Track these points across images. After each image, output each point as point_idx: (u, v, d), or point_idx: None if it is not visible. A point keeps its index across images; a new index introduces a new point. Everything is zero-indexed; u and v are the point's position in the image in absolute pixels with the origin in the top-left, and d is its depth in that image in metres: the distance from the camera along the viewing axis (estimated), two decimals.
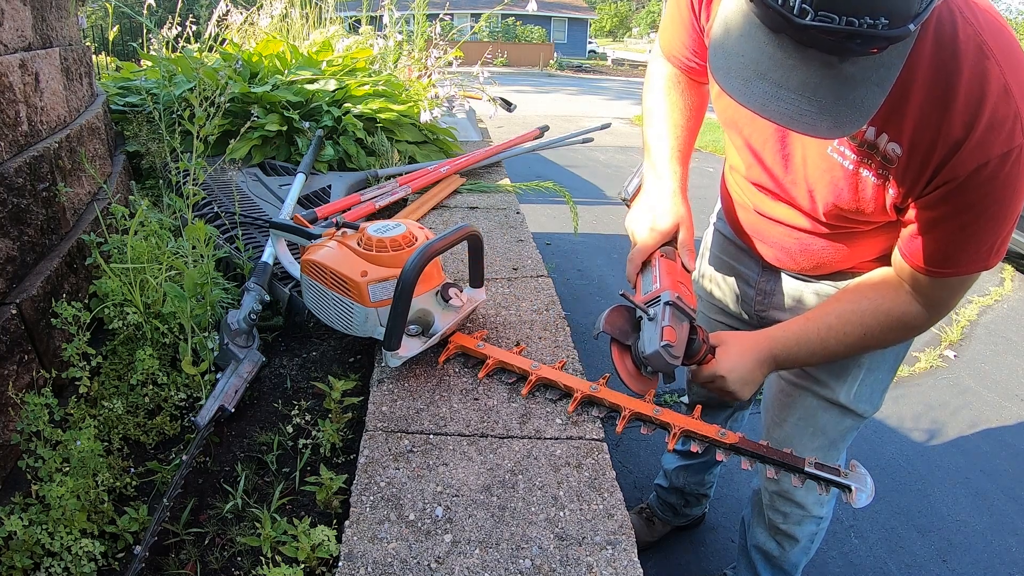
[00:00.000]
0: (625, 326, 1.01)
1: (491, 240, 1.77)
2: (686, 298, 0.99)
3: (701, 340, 0.99)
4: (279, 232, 1.45)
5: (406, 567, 0.79)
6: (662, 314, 0.95)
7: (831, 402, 1.18)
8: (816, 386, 1.18)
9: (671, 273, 1.02)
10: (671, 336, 0.92)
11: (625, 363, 1.01)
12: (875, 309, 0.95)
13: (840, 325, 0.98)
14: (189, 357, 1.21)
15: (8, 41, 1.25)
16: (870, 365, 1.15)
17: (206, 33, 2.98)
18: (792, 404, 1.22)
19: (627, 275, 1.09)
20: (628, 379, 1.00)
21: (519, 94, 12.84)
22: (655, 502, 1.91)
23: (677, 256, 1.06)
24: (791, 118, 0.69)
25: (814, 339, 1.00)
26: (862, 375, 1.15)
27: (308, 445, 1.09)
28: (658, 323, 0.94)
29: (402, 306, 1.05)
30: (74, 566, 0.85)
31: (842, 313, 0.98)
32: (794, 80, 0.68)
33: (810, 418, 1.21)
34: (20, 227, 1.16)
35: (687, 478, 1.79)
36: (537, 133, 2.63)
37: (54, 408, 1.00)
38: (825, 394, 1.18)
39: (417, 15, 3.14)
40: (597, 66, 30.81)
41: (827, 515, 1.35)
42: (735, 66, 0.71)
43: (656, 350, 0.92)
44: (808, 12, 0.61)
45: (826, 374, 1.17)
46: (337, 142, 2.29)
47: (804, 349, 1.01)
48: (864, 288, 0.99)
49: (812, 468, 0.94)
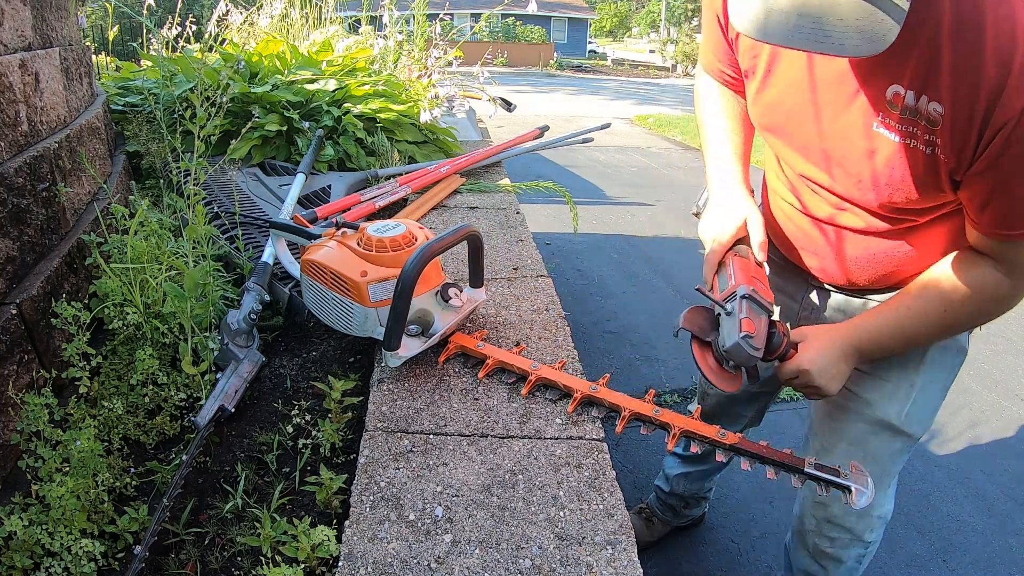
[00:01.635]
0: (704, 324, 1.01)
1: (491, 240, 1.77)
2: (762, 292, 0.98)
3: (782, 334, 0.99)
4: (279, 232, 1.45)
5: (406, 567, 0.79)
6: (739, 307, 0.95)
7: (881, 423, 1.13)
8: (866, 408, 1.14)
9: (745, 270, 1.02)
10: (750, 327, 0.92)
11: (707, 360, 1.00)
12: (954, 284, 0.92)
13: (920, 305, 0.95)
14: (189, 357, 1.21)
15: (8, 41, 1.25)
16: (922, 384, 1.11)
17: (206, 33, 2.98)
18: (842, 430, 1.18)
19: (703, 277, 1.08)
20: (711, 375, 0.98)
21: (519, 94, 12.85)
22: (655, 502, 1.91)
23: (750, 253, 1.06)
24: (816, 41, 0.69)
25: (894, 323, 0.97)
26: (914, 395, 1.11)
27: (308, 445, 1.09)
28: (736, 316, 0.94)
29: (402, 306, 1.05)
30: (74, 566, 0.85)
31: (920, 293, 0.95)
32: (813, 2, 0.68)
33: (861, 443, 1.16)
34: (20, 227, 1.16)
35: (687, 486, 1.77)
36: (537, 133, 2.63)
37: (54, 408, 1.00)
38: (875, 415, 1.13)
39: (417, 15, 3.14)
40: (597, 66, 30.82)
41: (875, 540, 1.29)
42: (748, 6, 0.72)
43: (736, 342, 0.91)
44: None
45: (876, 394, 1.13)
46: (337, 142, 2.29)
47: (886, 334, 0.98)
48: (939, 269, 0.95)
49: (811, 469, 0.94)
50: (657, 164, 7.66)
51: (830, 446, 1.20)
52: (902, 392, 1.11)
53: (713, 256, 1.07)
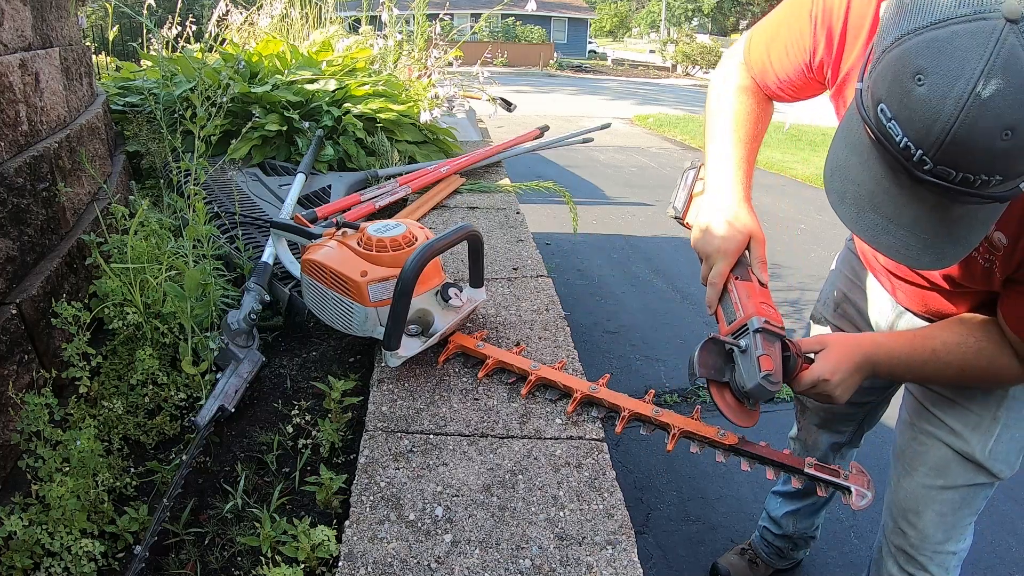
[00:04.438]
0: (718, 362, 0.97)
1: (491, 240, 1.77)
2: (772, 318, 0.94)
3: (795, 355, 0.95)
4: (280, 232, 1.45)
5: (406, 567, 0.79)
6: (754, 343, 0.91)
7: (965, 456, 1.11)
8: (951, 436, 1.12)
9: (752, 295, 0.97)
10: (769, 365, 0.89)
11: (725, 398, 0.96)
12: (978, 351, 0.95)
13: (944, 354, 0.97)
14: (189, 357, 1.21)
15: (8, 41, 1.25)
16: (1007, 421, 1.08)
17: (206, 33, 2.98)
18: (925, 453, 1.16)
19: (707, 301, 1.04)
20: (731, 414, 0.95)
21: (519, 94, 12.84)
22: (760, 544, 1.84)
23: (750, 272, 1.01)
24: (897, 251, 0.73)
25: (916, 360, 0.98)
26: (998, 430, 1.08)
27: (308, 445, 1.09)
28: (752, 354, 0.91)
29: (401, 306, 1.05)
30: (74, 566, 0.85)
31: (947, 342, 0.97)
32: (906, 217, 0.70)
33: (942, 470, 1.14)
34: (20, 227, 1.16)
35: (797, 523, 1.72)
36: (537, 133, 2.63)
37: (54, 408, 1.00)
38: (959, 446, 1.12)
39: (417, 15, 3.14)
40: (597, 66, 30.82)
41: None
42: (851, 193, 0.74)
43: (757, 383, 0.89)
44: (927, 164, 0.63)
45: (961, 424, 1.10)
46: (337, 142, 2.29)
47: (904, 364, 0.99)
48: (972, 326, 0.98)
49: (811, 469, 0.95)
50: (657, 164, 7.66)
51: (911, 469, 1.18)
52: (985, 424, 1.09)
53: (719, 279, 1.01)
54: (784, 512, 1.71)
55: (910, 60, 0.61)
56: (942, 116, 0.60)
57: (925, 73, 0.60)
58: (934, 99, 0.60)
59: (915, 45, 0.61)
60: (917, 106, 0.61)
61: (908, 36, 0.62)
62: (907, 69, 0.61)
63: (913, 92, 0.61)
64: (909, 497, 1.18)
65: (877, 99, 0.66)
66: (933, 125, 0.60)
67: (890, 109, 0.64)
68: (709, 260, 1.03)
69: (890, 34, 0.64)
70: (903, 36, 0.62)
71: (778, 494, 1.73)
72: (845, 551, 1.97)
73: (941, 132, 0.60)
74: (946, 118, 0.59)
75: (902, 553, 1.23)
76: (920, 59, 0.60)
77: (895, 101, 0.63)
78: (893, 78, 0.63)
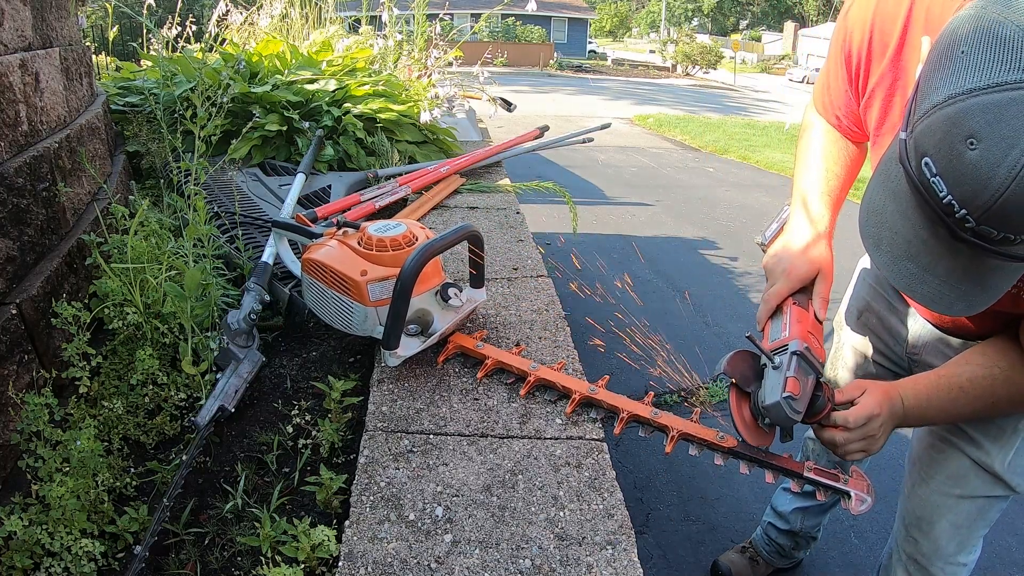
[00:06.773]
0: (748, 372, 0.94)
1: (491, 240, 1.77)
2: (815, 350, 0.92)
3: (826, 398, 0.92)
4: (281, 231, 1.45)
5: (406, 567, 0.79)
6: (787, 364, 0.89)
7: (983, 467, 1.11)
8: (970, 446, 1.12)
9: (802, 322, 0.95)
10: (794, 388, 0.86)
11: (742, 411, 0.94)
12: (1006, 379, 0.94)
13: (971, 388, 0.96)
14: (189, 357, 1.21)
15: (8, 41, 1.25)
16: None
17: (206, 33, 2.98)
18: (942, 461, 1.15)
19: (757, 317, 1.03)
20: (743, 429, 0.93)
21: (519, 94, 12.84)
22: (761, 542, 1.82)
23: (810, 305, 0.99)
24: (932, 300, 0.73)
25: (945, 398, 0.97)
26: (1018, 443, 1.08)
27: (308, 445, 1.09)
28: (782, 372, 0.88)
29: (401, 305, 1.05)
30: (74, 566, 0.85)
31: (973, 377, 0.96)
32: (941, 268, 0.70)
33: (959, 479, 1.14)
34: (20, 227, 1.16)
35: (805, 520, 1.71)
36: (537, 133, 2.63)
37: (54, 408, 1.00)
38: (978, 456, 1.11)
39: (417, 15, 3.14)
40: (597, 66, 30.81)
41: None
42: (886, 240, 0.73)
43: (777, 401, 0.86)
44: (970, 223, 0.62)
45: (981, 434, 1.10)
46: (337, 142, 2.29)
47: (934, 406, 0.98)
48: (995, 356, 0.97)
49: (811, 473, 0.94)
50: (657, 164, 7.66)
51: (927, 477, 1.18)
52: (1007, 435, 1.09)
53: (774, 298, 1.00)
54: (794, 508, 1.71)
55: (963, 122, 0.60)
56: (993, 183, 0.59)
57: (978, 138, 0.59)
58: (986, 166, 0.59)
59: (969, 108, 0.59)
60: (967, 170, 0.60)
61: (962, 97, 0.60)
62: (959, 131, 0.60)
63: (965, 155, 0.60)
64: (923, 505, 1.17)
65: (922, 152, 0.65)
66: (983, 191, 0.60)
67: (936, 165, 0.63)
68: (772, 278, 1.03)
69: (940, 91, 0.62)
70: (956, 96, 0.60)
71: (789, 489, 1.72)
72: (845, 551, 1.97)
73: (991, 198, 0.60)
74: (997, 185, 0.59)
75: (913, 562, 1.23)
76: (974, 123, 0.59)
77: (942, 159, 0.62)
78: (943, 137, 0.62)
